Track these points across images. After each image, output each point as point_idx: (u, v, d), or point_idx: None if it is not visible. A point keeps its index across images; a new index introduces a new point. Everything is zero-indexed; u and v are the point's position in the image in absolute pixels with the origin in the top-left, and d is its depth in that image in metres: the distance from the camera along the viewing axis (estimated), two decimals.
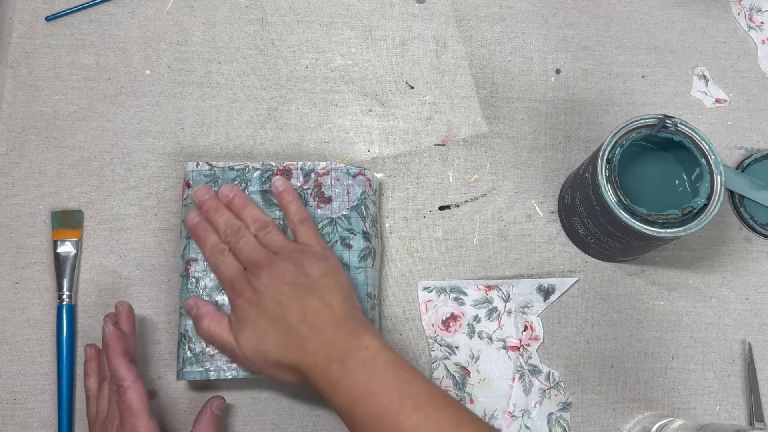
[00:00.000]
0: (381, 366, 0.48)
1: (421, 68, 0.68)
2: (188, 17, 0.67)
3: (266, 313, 0.50)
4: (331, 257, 0.54)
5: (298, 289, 0.50)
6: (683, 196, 0.58)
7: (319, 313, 0.50)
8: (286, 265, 0.51)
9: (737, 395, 0.61)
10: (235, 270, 0.53)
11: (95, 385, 0.55)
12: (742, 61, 0.70)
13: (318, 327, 0.49)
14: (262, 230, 0.55)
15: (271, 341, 0.50)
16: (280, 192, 0.57)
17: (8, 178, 0.62)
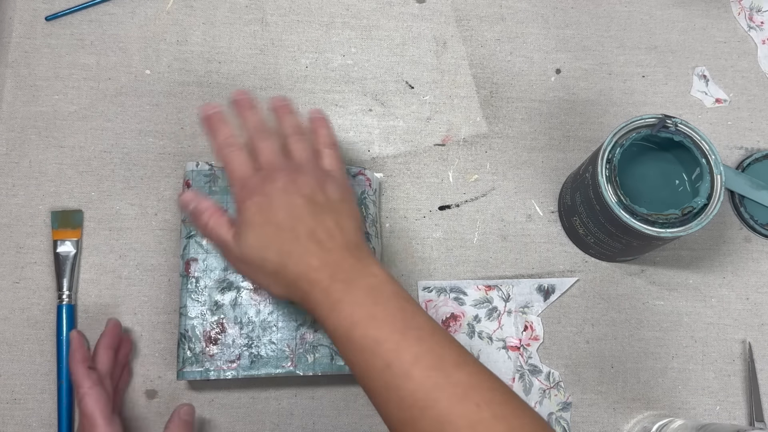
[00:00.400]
0: (387, 294, 0.46)
1: (421, 68, 0.68)
2: (188, 17, 0.67)
3: (275, 221, 0.47)
4: (351, 190, 0.52)
5: (313, 205, 0.48)
6: (683, 196, 0.58)
7: (331, 233, 0.47)
8: (307, 178, 0.49)
9: (737, 395, 0.61)
10: (249, 168, 0.50)
11: None
12: (742, 61, 0.70)
13: (327, 245, 0.47)
14: (296, 135, 0.52)
15: (275, 250, 0.47)
16: (315, 117, 0.54)
17: (8, 178, 0.62)
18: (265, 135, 0.51)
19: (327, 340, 0.56)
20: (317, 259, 0.46)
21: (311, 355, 0.56)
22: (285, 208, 0.48)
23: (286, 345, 0.56)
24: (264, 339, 0.56)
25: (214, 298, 0.56)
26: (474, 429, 0.41)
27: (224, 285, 0.57)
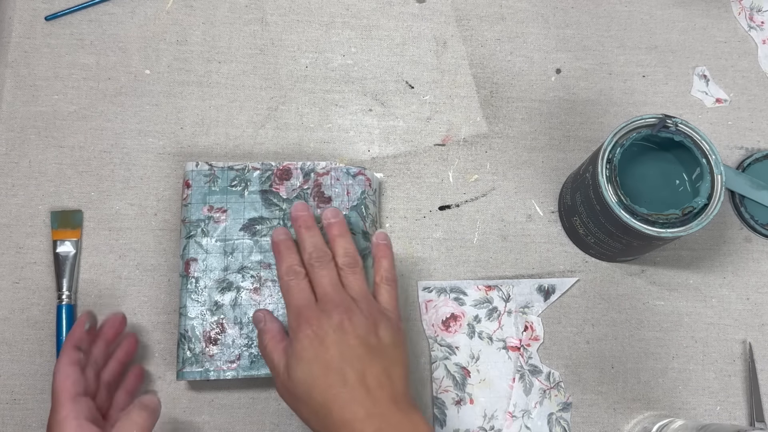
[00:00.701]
0: None
1: (421, 68, 0.68)
2: (188, 17, 0.67)
3: (326, 358, 0.47)
4: (403, 331, 0.52)
5: (365, 348, 0.48)
6: (683, 196, 0.58)
7: (380, 381, 0.47)
8: (362, 317, 0.49)
9: (738, 395, 0.61)
10: (307, 299, 0.50)
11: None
12: (742, 61, 0.70)
13: (375, 394, 0.46)
14: (350, 267, 0.52)
15: (321, 389, 0.47)
16: (381, 244, 0.54)
17: (8, 178, 0.62)
18: (322, 263, 0.51)
19: None
20: (363, 410, 0.46)
21: None
22: (337, 348, 0.47)
23: None
24: None
25: (214, 298, 0.56)
26: None
27: (224, 285, 0.57)
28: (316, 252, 0.52)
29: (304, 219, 0.53)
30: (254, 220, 0.58)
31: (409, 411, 0.47)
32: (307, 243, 0.52)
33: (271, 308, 0.57)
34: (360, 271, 0.52)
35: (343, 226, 0.54)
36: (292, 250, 0.53)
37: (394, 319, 0.51)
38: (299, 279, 0.51)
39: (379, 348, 0.48)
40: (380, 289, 0.53)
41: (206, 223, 0.58)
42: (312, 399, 0.47)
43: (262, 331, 0.52)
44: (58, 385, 0.48)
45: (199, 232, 0.58)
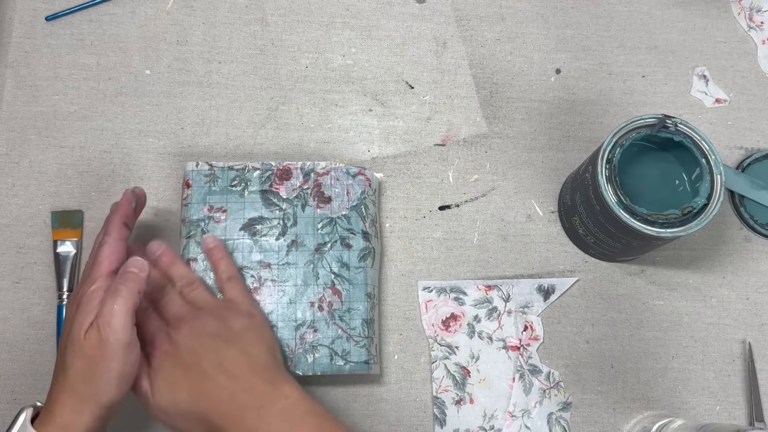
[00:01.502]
0: (301, 415, 0.47)
1: (421, 68, 0.68)
2: (188, 17, 0.67)
3: (182, 363, 0.49)
4: (257, 314, 0.54)
5: (217, 340, 0.50)
6: (683, 196, 0.58)
7: (237, 361, 0.49)
8: (209, 318, 0.51)
9: (737, 395, 0.61)
10: (156, 325, 0.52)
11: None
12: (742, 61, 0.70)
13: (234, 374, 0.48)
14: (188, 287, 0.54)
15: (184, 390, 0.48)
16: (210, 249, 0.56)
17: (8, 178, 0.62)
18: (161, 293, 0.54)
19: (326, 341, 0.56)
20: (226, 392, 0.47)
21: (311, 355, 0.56)
22: (190, 349, 0.49)
23: (285, 345, 0.56)
24: None
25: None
26: None
27: None
28: (152, 286, 0.54)
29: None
30: (254, 220, 0.59)
31: (275, 381, 0.49)
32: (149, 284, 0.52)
33: (270, 308, 0.57)
34: (198, 285, 0.54)
35: (169, 255, 0.56)
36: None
37: (243, 309, 0.53)
38: (147, 314, 0.53)
39: (231, 336, 0.50)
40: (226, 288, 0.55)
41: (206, 223, 0.58)
42: (178, 401, 0.48)
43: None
44: (101, 258, 0.50)
45: (199, 232, 0.58)
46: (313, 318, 0.57)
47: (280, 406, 0.47)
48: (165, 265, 0.55)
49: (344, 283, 0.58)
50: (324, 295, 0.57)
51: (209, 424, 0.47)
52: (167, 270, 0.55)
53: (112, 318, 0.46)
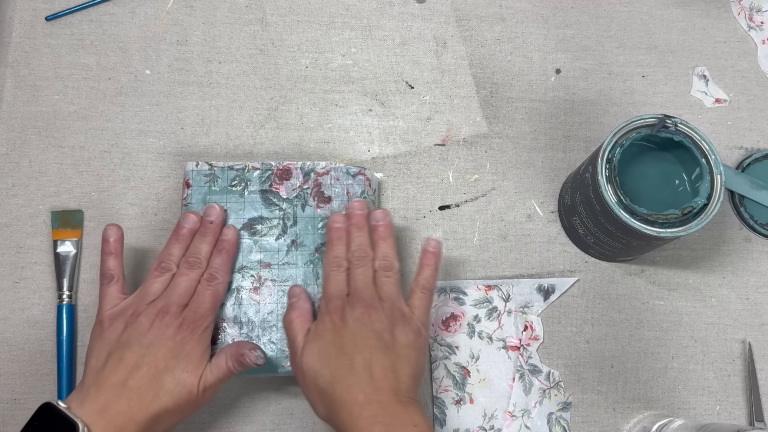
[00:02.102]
0: None
1: (421, 68, 0.68)
2: (188, 17, 0.67)
3: (340, 343, 0.50)
4: (425, 337, 0.53)
5: (378, 341, 0.50)
6: (683, 195, 0.58)
7: (385, 374, 0.49)
8: (382, 315, 0.52)
9: (737, 395, 0.61)
10: (339, 291, 0.54)
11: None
12: (742, 61, 0.70)
13: (378, 384, 0.49)
14: (385, 270, 0.55)
15: (329, 370, 0.50)
16: (429, 252, 0.56)
17: (8, 178, 0.62)
18: (362, 263, 0.55)
19: None
20: (364, 395, 0.48)
21: None
22: (352, 336, 0.51)
23: (286, 345, 0.56)
24: (264, 339, 0.56)
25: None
26: None
27: None
28: (359, 251, 0.55)
29: (357, 218, 0.57)
30: (254, 220, 0.59)
31: (408, 405, 0.49)
32: (355, 241, 0.56)
33: (270, 308, 0.57)
34: (394, 275, 0.55)
35: (388, 229, 0.57)
36: (342, 242, 0.56)
37: (416, 324, 0.53)
38: (339, 271, 0.55)
39: (391, 345, 0.51)
40: (414, 295, 0.55)
41: None
42: (320, 377, 0.50)
43: (292, 306, 0.55)
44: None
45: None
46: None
47: (407, 431, 0.47)
48: (378, 235, 0.56)
49: None
50: None
51: (334, 413, 0.49)
52: (377, 241, 0.56)
53: None
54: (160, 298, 0.52)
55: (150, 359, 0.49)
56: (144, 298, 0.52)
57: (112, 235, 0.55)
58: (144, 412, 0.47)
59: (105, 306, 0.52)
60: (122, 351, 0.49)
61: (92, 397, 0.47)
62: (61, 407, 0.46)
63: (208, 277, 0.54)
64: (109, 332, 0.50)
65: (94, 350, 0.50)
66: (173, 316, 0.51)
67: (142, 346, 0.49)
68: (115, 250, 0.54)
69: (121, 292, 0.53)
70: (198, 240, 0.55)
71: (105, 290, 0.53)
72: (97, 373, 0.49)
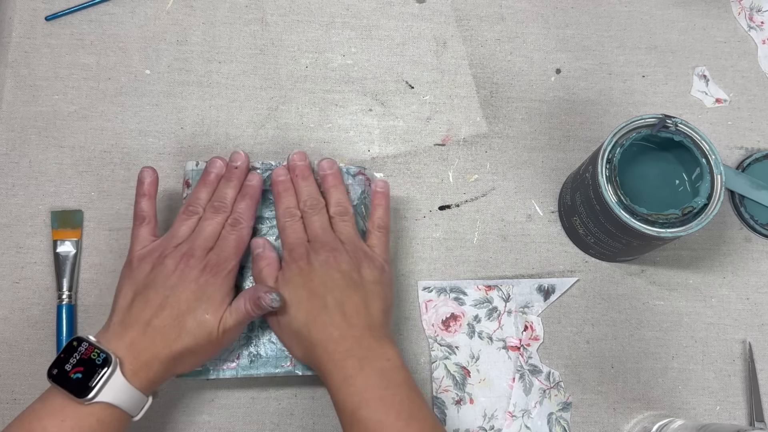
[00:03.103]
0: (398, 380, 0.49)
1: (421, 68, 0.68)
2: (188, 17, 0.67)
3: (310, 286, 0.52)
4: (388, 272, 0.55)
5: (347, 281, 0.52)
6: (683, 195, 0.58)
7: (357, 309, 0.51)
8: (346, 256, 0.53)
9: (737, 395, 0.61)
10: (300, 238, 0.55)
11: None
12: (742, 61, 0.70)
13: (350, 320, 0.51)
14: (341, 216, 0.56)
15: (303, 312, 0.51)
16: (378, 192, 0.58)
17: (8, 178, 0.62)
18: (315, 210, 0.56)
19: None
20: (338, 331, 0.50)
21: None
22: (321, 278, 0.52)
23: None
24: (263, 338, 0.56)
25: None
26: None
27: None
28: (310, 200, 0.56)
29: (301, 169, 0.58)
30: None
31: (382, 339, 0.51)
32: (303, 192, 0.57)
33: None
34: (350, 219, 0.57)
35: (337, 178, 0.58)
36: (290, 192, 0.57)
37: (379, 261, 0.55)
38: (294, 221, 0.56)
39: (360, 283, 0.52)
40: (372, 235, 0.57)
41: None
42: (294, 320, 0.51)
43: (258, 256, 0.55)
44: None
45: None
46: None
47: (380, 364, 0.49)
48: (329, 183, 0.58)
49: None
50: None
51: (310, 353, 0.51)
52: (328, 190, 0.57)
53: None
54: (186, 242, 0.54)
55: (173, 300, 0.50)
56: (171, 241, 0.54)
57: (147, 176, 0.56)
58: (167, 351, 0.49)
59: (135, 246, 0.54)
60: (148, 291, 0.50)
61: (119, 334, 0.49)
62: (92, 341, 0.47)
63: (232, 221, 0.55)
64: (137, 272, 0.52)
65: (122, 289, 0.51)
66: (198, 259, 0.52)
67: (166, 287, 0.51)
68: (148, 192, 0.56)
69: (152, 234, 0.55)
70: (223, 185, 0.56)
71: (137, 231, 0.55)
72: (124, 311, 0.50)
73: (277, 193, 0.57)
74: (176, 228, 0.55)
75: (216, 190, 0.56)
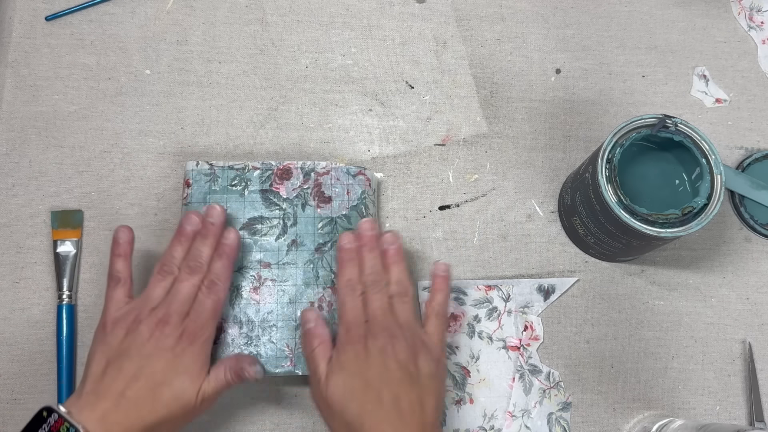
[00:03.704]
0: None
1: (421, 68, 0.68)
2: (188, 17, 0.67)
3: (366, 376, 0.50)
4: (444, 363, 0.54)
5: (403, 373, 0.50)
6: (683, 195, 0.58)
7: (412, 407, 0.49)
8: (404, 344, 0.51)
9: (737, 395, 0.61)
10: (358, 317, 0.53)
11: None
12: (742, 61, 0.70)
13: (405, 418, 0.49)
14: (400, 296, 0.54)
15: (356, 403, 0.49)
16: (439, 276, 0.56)
17: (8, 178, 0.62)
18: (377, 287, 0.54)
19: None
20: (393, 429, 0.48)
21: None
22: (377, 368, 0.50)
23: (285, 344, 0.56)
24: (263, 338, 0.56)
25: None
26: None
27: None
28: (373, 275, 0.54)
29: (368, 239, 0.56)
30: (254, 220, 0.59)
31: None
32: (368, 265, 0.55)
33: (270, 308, 0.57)
34: (409, 300, 0.54)
35: (399, 253, 0.56)
36: (354, 263, 0.55)
37: (435, 352, 0.53)
38: (355, 296, 0.54)
39: (416, 376, 0.50)
40: (429, 321, 0.55)
41: None
42: (346, 411, 0.49)
43: (311, 333, 0.54)
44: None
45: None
46: None
47: None
48: (390, 259, 0.56)
49: None
50: (324, 295, 0.57)
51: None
52: (390, 265, 0.55)
53: None
54: (161, 306, 0.51)
55: (148, 371, 0.48)
56: (146, 304, 0.52)
57: (123, 236, 0.54)
58: (140, 423, 0.47)
59: (110, 309, 0.52)
60: (122, 360, 0.49)
61: (91, 405, 0.47)
62: (62, 412, 0.46)
63: (208, 284, 0.53)
64: (110, 338, 0.50)
65: (95, 355, 0.50)
66: (173, 326, 0.50)
67: (141, 356, 0.49)
68: (124, 252, 0.54)
69: (127, 295, 0.53)
70: (199, 242, 0.54)
71: (111, 293, 0.53)
72: (96, 380, 0.48)
73: (341, 260, 0.56)
74: (151, 289, 0.53)
75: (191, 248, 0.54)
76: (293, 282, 0.57)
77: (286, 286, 0.57)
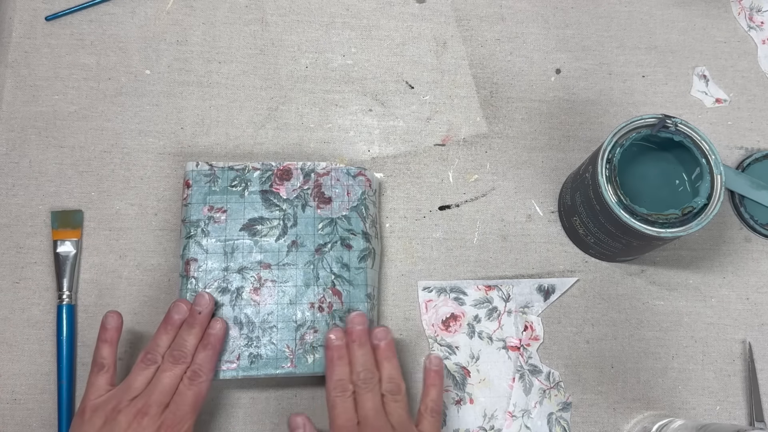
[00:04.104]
0: None
1: (421, 68, 0.68)
2: (188, 17, 0.67)
3: None
4: None
5: None
6: (683, 196, 0.58)
7: None
8: None
9: (737, 395, 0.61)
10: (349, 420, 0.52)
11: None
12: (742, 61, 0.70)
13: None
14: (392, 395, 0.53)
15: None
16: (432, 370, 0.55)
17: (8, 178, 0.62)
18: (368, 386, 0.53)
19: None
20: None
21: (311, 355, 0.56)
22: None
23: (285, 345, 0.56)
24: (264, 339, 0.56)
25: (215, 299, 0.56)
26: None
27: (224, 285, 0.57)
28: (365, 373, 0.53)
29: (358, 334, 0.55)
30: (254, 220, 0.59)
31: None
32: (358, 362, 0.54)
33: (270, 309, 0.57)
34: (402, 398, 0.53)
35: (390, 349, 0.55)
36: (344, 361, 0.54)
37: None
38: (345, 397, 0.53)
39: None
40: (423, 419, 0.53)
41: (206, 223, 0.58)
42: None
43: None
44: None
45: (199, 232, 0.58)
46: (313, 318, 0.57)
47: None
48: (381, 355, 0.55)
49: (344, 284, 0.58)
50: (324, 296, 0.57)
51: None
52: (381, 361, 0.54)
53: None
54: (142, 396, 0.51)
55: None
56: (127, 393, 0.51)
57: (112, 322, 0.54)
58: None
59: (90, 395, 0.51)
60: None
61: None
62: None
63: (191, 374, 0.52)
64: (87, 426, 0.49)
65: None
66: (152, 418, 0.50)
67: None
68: (111, 339, 0.53)
69: (109, 383, 0.52)
70: (185, 331, 0.54)
71: (93, 378, 0.52)
72: None
73: (330, 358, 0.54)
74: (133, 378, 0.52)
75: (177, 337, 0.54)
76: (293, 283, 0.57)
77: (286, 287, 0.57)
